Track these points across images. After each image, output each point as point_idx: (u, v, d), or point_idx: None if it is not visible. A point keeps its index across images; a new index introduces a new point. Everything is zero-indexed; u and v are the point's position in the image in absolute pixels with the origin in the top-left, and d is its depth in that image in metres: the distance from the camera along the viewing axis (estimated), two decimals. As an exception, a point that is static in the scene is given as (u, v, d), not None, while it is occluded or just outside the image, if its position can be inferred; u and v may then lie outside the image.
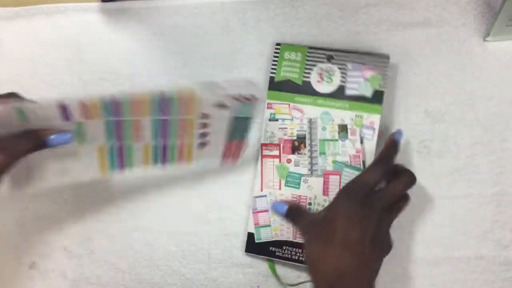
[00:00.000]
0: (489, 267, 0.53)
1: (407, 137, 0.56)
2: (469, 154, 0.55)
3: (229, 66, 0.58)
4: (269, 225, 0.52)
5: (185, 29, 0.59)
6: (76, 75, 0.58)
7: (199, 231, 0.55)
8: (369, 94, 0.52)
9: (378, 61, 0.53)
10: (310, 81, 0.53)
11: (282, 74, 0.54)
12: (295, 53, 0.54)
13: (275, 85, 0.54)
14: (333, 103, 0.53)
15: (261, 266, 0.54)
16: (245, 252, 0.52)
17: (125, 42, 0.59)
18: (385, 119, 0.56)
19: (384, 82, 0.52)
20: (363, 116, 0.52)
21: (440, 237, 0.54)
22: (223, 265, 0.54)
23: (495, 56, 0.57)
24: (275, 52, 0.54)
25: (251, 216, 0.53)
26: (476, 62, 0.57)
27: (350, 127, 0.52)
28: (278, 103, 0.53)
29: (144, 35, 0.59)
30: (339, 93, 0.53)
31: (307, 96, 0.53)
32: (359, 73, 0.52)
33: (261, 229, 0.52)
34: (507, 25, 0.55)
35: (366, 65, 0.52)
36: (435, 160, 0.55)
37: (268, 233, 0.52)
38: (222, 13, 0.60)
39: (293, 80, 0.53)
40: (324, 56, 0.53)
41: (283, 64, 0.54)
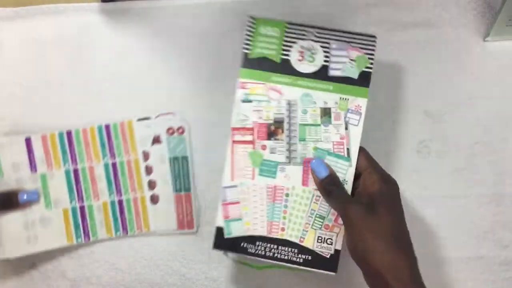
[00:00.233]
0: (489, 267, 0.53)
1: (407, 137, 0.56)
2: (469, 154, 0.55)
3: (229, 66, 0.58)
4: (241, 219, 0.47)
5: (185, 29, 0.59)
6: (76, 75, 0.58)
7: (199, 231, 0.55)
8: (355, 75, 0.47)
9: (364, 41, 0.48)
10: (289, 60, 0.48)
11: (257, 50, 0.48)
12: (271, 28, 0.48)
13: (249, 62, 0.48)
14: (315, 84, 0.47)
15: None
16: (213, 248, 0.47)
17: (125, 42, 0.59)
18: (386, 119, 0.56)
19: (371, 63, 0.48)
20: (348, 99, 0.47)
21: (440, 237, 0.54)
22: (223, 265, 0.54)
23: (495, 56, 0.57)
24: (249, 26, 0.49)
25: (220, 208, 0.47)
26: (476, 62, 0.57)
27: (334, 110, 0.47)
28: (252, 82, 0.48)
29: (144, 35, 0.59)
30: (322, 74, 0.47)
31: (286, 75, 0.48)
32: (344, 53, 0.48)
33: (232, 223, 0.47)
34: (507, 25, 0.55)
35: (351, 45, 0.48)
36: (435, 160, 0.55)
37: (239, 227, 0.47)
38: (222, 13, 0.60)
39: (270, 57, 0.48)
40: (305, 32, 0.48)
41: (258, 39, 0.48)
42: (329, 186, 0.45)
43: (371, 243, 0.41)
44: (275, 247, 0.47)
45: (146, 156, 0.55)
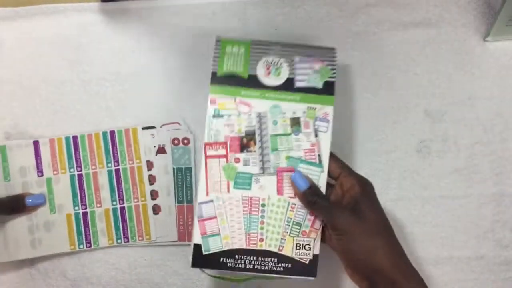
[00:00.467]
0: (489, 267, 0.53)
1: (407, 137, 0.56)
2: (469, 154, 0.55)
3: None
4: (218, 234, 0.47)
5: (185, 29, 0.59)
6: (76, 75, 0.58)
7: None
8: (319, 85, 0.49)
9: (325, 54, 0.50)
10: (256, 75, 0.49)
11: (225, 68, 0.49)
12: (237, 47, 0.50)
13: (218, 79, 0.49)
14: (283, 96, 0.49)
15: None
16: (192, 266, 0.46)
17: (125, 42, 0.59)
18: (386, 119, 0.56)
19: (333, 73, 0.49)
20: (316, 108, 0.49)
21: (440, 237, 0.54)
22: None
23: (495, 56, 0.57)
24: (216, 47, 0.50)
25: (197, 225, 0.47)
26: (476, 62, 0.57)
27: (303, 119, 0.49)
28: (222, 97, 0.49)
29: (144, 35, 0.59)
30: (289, 86, 0.49)
31: (254, 89, 0.49)
32: (307, 65, 0.49)
33: (209, 238, 0.47)
34: (507, 25, 0.55)
35: (314, 57, 0.49)
36: (435, 160, 0.55)
37: (217, 243, 0.47)
38: (222, 13, 0.60)
39: (238, 73, 0.49)
40: (268, 49, 0.50)
41: (225, 58, 0.50)
42: (311, 197, 0.46)
43: (371, 243, 0.42)
44: (255, 258, 0.47)
45: (149, 165, 0.55)
